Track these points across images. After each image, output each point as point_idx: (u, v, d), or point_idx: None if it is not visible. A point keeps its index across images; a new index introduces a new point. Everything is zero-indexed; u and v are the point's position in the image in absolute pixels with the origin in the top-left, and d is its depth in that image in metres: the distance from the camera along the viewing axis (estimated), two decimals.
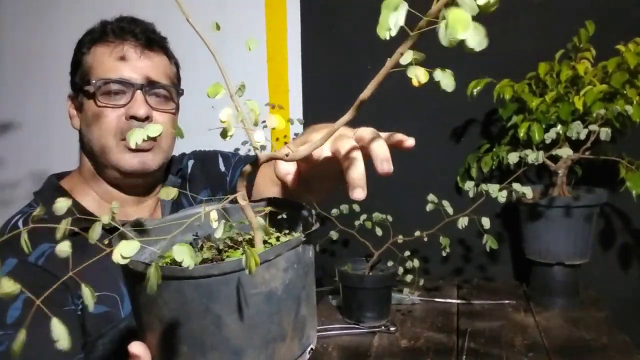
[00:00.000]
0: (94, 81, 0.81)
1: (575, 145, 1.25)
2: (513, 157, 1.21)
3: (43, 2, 2.02)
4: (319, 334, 1.20)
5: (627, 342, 1.12)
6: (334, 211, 1.31)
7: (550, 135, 1.22)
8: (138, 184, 0.87)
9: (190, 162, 1.03)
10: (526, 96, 1.33)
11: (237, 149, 1.77)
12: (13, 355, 0.66)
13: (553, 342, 1.12)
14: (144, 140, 0.62)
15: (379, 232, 1.27)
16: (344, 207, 1.31)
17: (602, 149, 1.31)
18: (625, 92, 1.21)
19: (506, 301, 1.39)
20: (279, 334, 0.42)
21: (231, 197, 0.44)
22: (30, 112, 2.09)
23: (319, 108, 1.71)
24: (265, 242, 0.47)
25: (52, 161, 2.07)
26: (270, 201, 0.55)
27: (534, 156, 1.15)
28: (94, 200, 0.86)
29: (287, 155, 0.46)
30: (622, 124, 1.23)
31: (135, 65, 0.83)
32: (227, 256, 0.46)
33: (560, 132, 1.24)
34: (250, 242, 0.46)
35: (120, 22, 0.85)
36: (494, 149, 1.45)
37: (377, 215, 1.26)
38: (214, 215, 0.40)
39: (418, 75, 0.39)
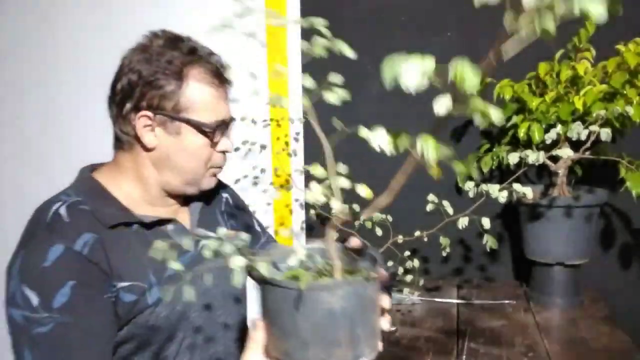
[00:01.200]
0: (200, 120, 0.89)
1: (576, 145, 1.25)
2: (513, 158, 1.21)
3: (43, 2, 2.02)
4: None
5: (627, 342, 1.12)
6: (334, 211, 1.31)
7: (551, 135, 1.22)
8: (188, 193, 0.97)
9: (226, 194, 1.13)
10: (526, 96, 1.33)
11: (237, 149, 1.77)
12: (59, 338, 0.73)
13: (553, 342, 1.12)
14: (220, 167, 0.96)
15: (379, 232, 1.27)
16: (344, 207, 1.31)
17: (602, 149, 1.31)
18: (625, 92, 1.21)
19: (506, 301, 1.39)
20: (335, 341, 0.59)
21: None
22: (30, 113, 2.09)
23: (319, 108, 1.71)
24: (347, 272, 0.66)
25: (53, 160, 2.07)
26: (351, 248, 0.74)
27: (534, 156, 1.15)
28: (127, 196, 0.91)
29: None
30: (622, 124, 1.23)
31: (227, 107, 0.94)
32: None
33: (561, 132, 1.24)
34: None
35: (214, 61, 0.91)
36: (494, 149, 1.45)
37: (377, 215, 1.26)
38: (301, 250, 0.61)
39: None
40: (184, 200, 1.00)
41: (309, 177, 1.70)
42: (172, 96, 0.88)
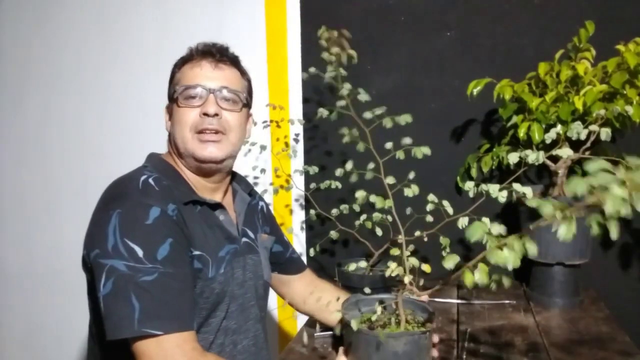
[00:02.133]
0: (177, 88, 1.02)
1: (575, 145, 1.25)
2: (513, 157, 1.21)
3: (43, 2, 2.02)
4: (320, 334, 1.20)
5: (627, 342, 1.12)
6: (334, 211, 1.31)
7: (551, 135, 1.22)
8: (211, 170, 1.04)
9: (262, 203, 1.26)
10: (526, 96, 1.32)
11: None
12: (164, 284, 0.86)
13: (553, 342, 1.12)
14: (214, 133, 1.00)
15: (379, 232, 1.27)
16: (344, 207, 1.31)
17: (602, 149, 1.31)
18: (625, 92, 1.21)
19: (506, 301, 1.39)
20: None
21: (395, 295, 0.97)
22: (30, 112, 2.09)
23: (318, 108, 1.71)
24: (407, 322, 0.92)
25: (52, 159, 2.07)
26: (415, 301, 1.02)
27: (534, 156, 1.14)
28: (190, 179, 1.04)
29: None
30: (622, 124, 1.23)
31: (210, 75, 1.02)
32: (387, 326, 0.92)
33: (561, 132, 1.24)
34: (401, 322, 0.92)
35: (203, 46, 1.05)
36: (494, 149, 1.45)
37: (377, 215, 1.26)
38: (379, 308, 0.92)
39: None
40: (229, 200, 1.12)
41: (308, 178, 1.70)
42: (170, 83, 1.06)
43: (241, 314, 1.05)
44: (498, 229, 0.66)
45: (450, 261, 0.76)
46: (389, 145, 1.06)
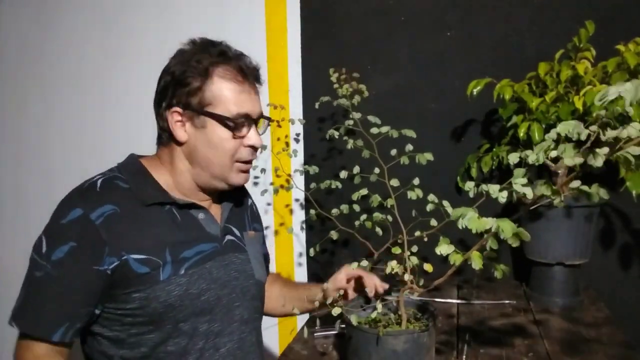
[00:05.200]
0: (222, 113, 0.94)
1: (576, 145, 1.25)
2: (513, 157, 1.20)
3: (43, 2, 2.02)
4: (319, 333, 1.20)
5: (627, 342, 1.12)
6: (334, 211, 1.31)
7: (551, 135, 1.22)
8: (219, 188, 1.02)
9: (251, 200, 1.24)
10: (526, 96, 1.32)
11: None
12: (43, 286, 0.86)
13: (553, 342, 1.12)
14: (251, 162, 1.00)
15: (379, 232, 1.27)
16: (344, 207, 1.31)
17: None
18: None
19: (506, 301, 1.39)
20: None
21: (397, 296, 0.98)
22: (30, 112, 2.09)
23: (318, 108, 1.71)
24: (409, 321, 0.95)
25: (53, 159, 2.07)
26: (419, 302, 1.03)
27: (534, 157, 1.14)
28: (165, 183, 0.99)
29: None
30: (622, 124, 1.22)
31: (253, 102, 0.98)
32: (388, 326, 0.93)
33: (561, 132, 1.24)
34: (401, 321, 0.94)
35: (240, 60, 0.97)
36: (494, 149, 1.45)
37: (377, 215, 1.26)
38: (379, 306, 0.91)
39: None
40: (218, 198, 1.07)
41: (309, 177, 1.70)
42: (197, 92, 0.94)
43: (226, 316, 0.99)
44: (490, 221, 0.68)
45: (443, 246, 0.79)
46: (393, 152, 1.12)
